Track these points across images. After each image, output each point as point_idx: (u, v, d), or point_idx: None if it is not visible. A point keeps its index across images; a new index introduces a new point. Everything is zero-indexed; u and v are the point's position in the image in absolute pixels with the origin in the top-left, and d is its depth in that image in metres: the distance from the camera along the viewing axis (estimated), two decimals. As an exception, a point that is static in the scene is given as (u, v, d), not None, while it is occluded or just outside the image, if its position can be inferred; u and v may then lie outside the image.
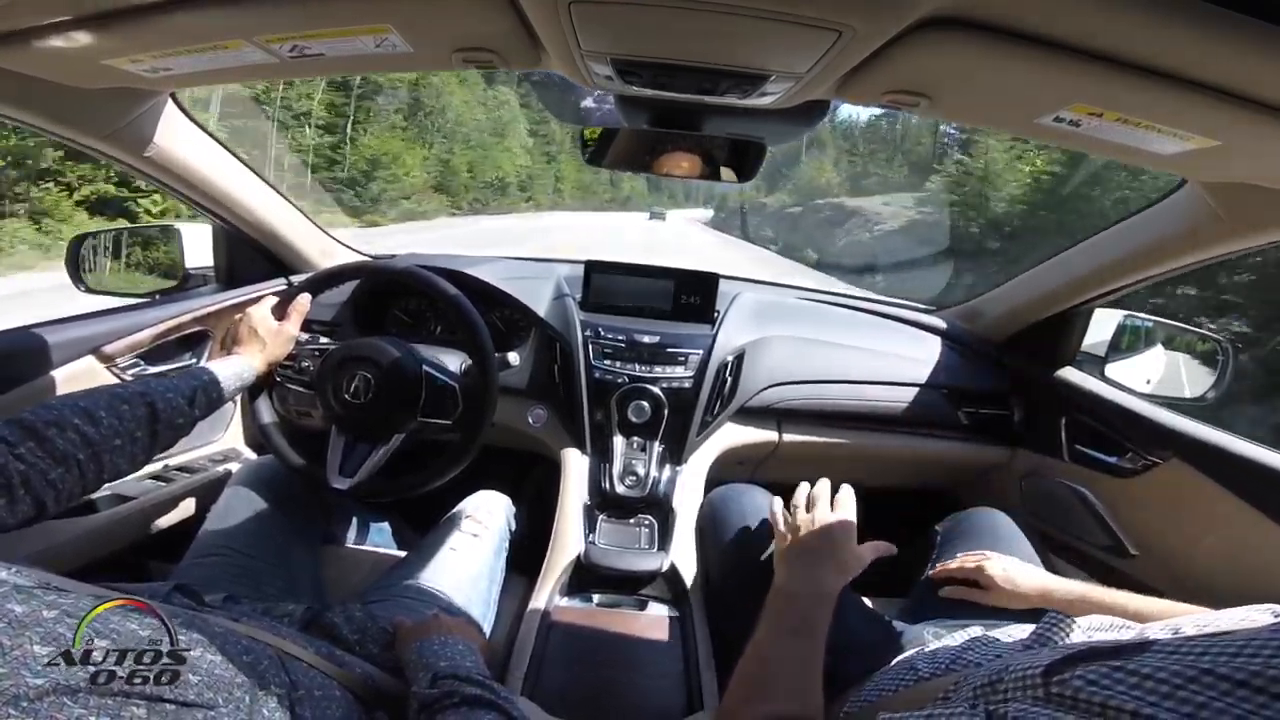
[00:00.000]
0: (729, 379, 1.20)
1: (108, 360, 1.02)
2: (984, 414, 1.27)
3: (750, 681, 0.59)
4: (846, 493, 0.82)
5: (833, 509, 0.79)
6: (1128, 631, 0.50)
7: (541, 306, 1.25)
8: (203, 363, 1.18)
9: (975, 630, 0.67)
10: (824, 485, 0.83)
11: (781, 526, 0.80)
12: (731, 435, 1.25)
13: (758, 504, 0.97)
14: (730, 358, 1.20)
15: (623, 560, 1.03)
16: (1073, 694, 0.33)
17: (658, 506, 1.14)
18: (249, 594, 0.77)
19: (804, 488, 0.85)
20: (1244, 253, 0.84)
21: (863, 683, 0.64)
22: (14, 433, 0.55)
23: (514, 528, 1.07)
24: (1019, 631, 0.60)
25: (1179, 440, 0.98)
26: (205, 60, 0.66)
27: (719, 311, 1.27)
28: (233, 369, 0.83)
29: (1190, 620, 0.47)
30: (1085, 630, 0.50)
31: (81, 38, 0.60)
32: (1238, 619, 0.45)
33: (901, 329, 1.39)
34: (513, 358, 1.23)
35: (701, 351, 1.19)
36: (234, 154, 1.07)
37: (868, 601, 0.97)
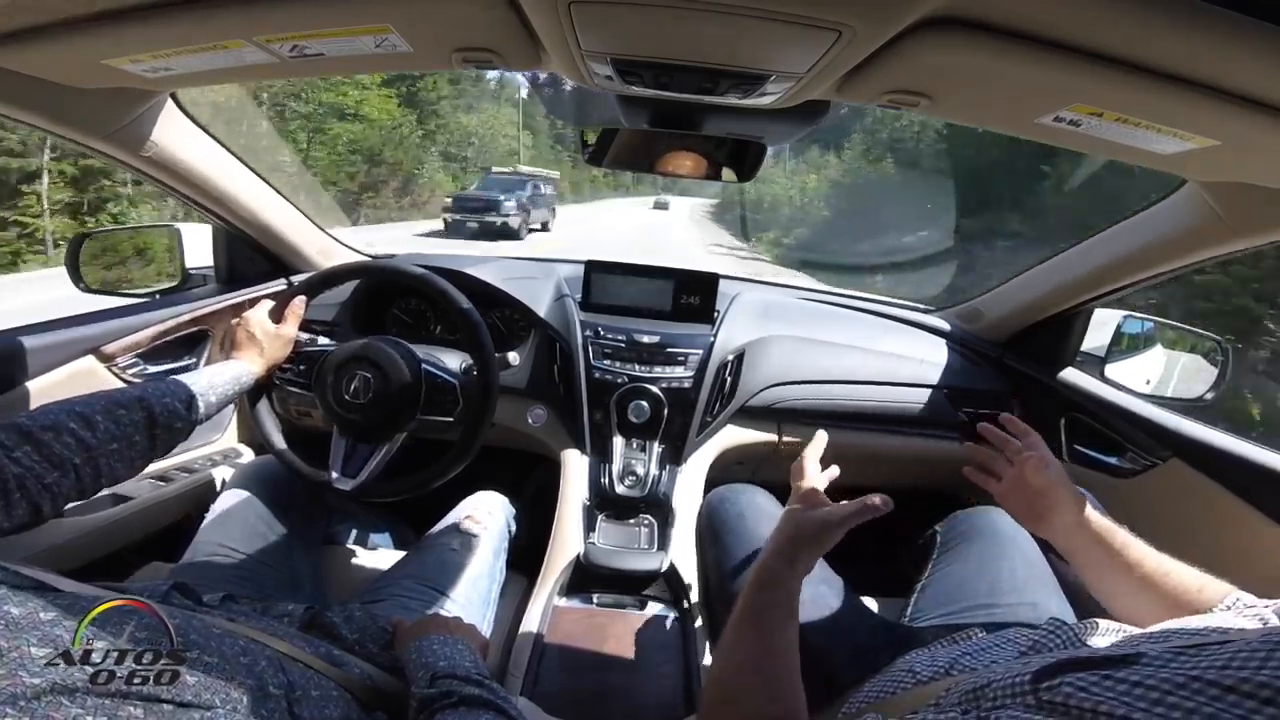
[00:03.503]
0: (729, 379, 1.20)
1: (108, 360, 1.02)
2: (984, 414, 1.26)
3: (717, 685, 0.56)
4: (806, 449, 0.73)
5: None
6: (1119, 635, 0.50)
7: (541, 306, 1.25)
8: (202, 363, 1.18)
9: (976, 633, 0.67)
10: (806, 454, 0.73)
11: None
12: (731, 435, 1.25)
13: (757, 504, 0.97)
14: (730, 358, 1.20)
15: (622, 560, 1.03)
16: (1063, 700, 0.33)
17: (657, 507, 1.14)
18: (248, 594, 0.77)
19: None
20: (1244, 253, 0.84)
21: (862, 685, 0.64)
22: (10, 436, 0.54)
23: (514, 528, 1.07)
24: (1018, 636, 0.60)
25: (1179, 440, 0.97)
26: (205, 60, 0.66)
27: (719, 311, 1.27)
28: (231, 373, 0.83)
29: (1179, 627, 0.47)
30: (1084, 639, 0.50)
31: (81, 38, 0.60)
32: (1225, 624, 0.45)
33: (901, 329, 1.39)
34: (513, 358, 1.23)
35: (701, 351, 1.19)
36: (234, 154, 1.07)
37: (868, 602, 0.97)
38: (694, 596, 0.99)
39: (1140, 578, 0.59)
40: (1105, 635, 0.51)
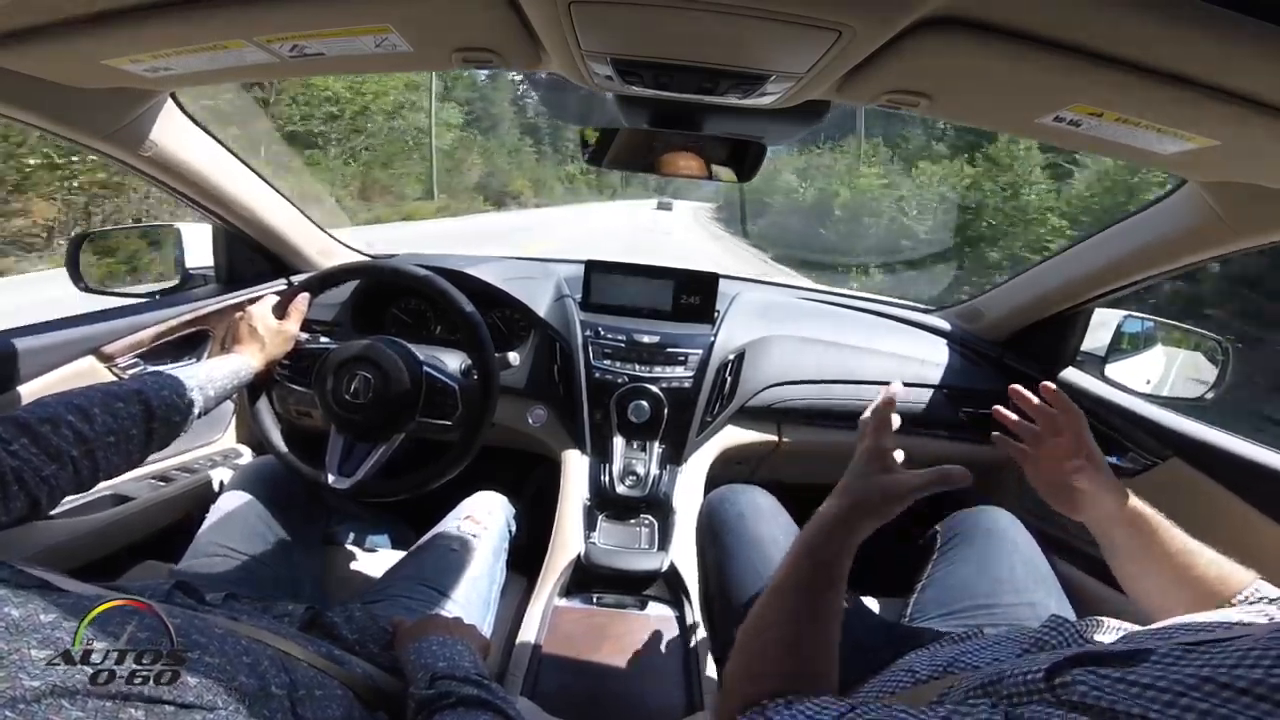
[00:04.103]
0: (729, 379, 1.20)
1: (108, 360, 1.02)
2: (984, 414, 1.26)
3: (745, 649, 0.52)
4: (877, 401, 0.64)
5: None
6: (1120, 632, 0.50)
7: (542, 306, 1.25)
8: (202, 362, 1.18)
9: (975, 633, 0.67)
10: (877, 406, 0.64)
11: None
12: (731, 435, 1.25)
13: (757, 504, 0.97)
14: (730, 357, 1.20)
15: (623, 560, 1.03)
16: (1079, 698, 0.33)
17: (658, 507, 1.14)
18: (249, 594, 0.77)
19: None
20: (1244, 252, 0.84)
21: (862, 684, 0.64)
22: (7, 429, 0.54)
23: (514, 528, 1.07)
24: (1019, 635, 0.60)
25: (1179, 440, 0.98)
26: (205, 60, 0.66)
27: (719, 311, 1.27)
28: (230, 367, 0.83)
29: (1184, 623, 0.47)
30: (1086, 636, 0.50)
31: (81, 38, 0.60)
32: (1230, 619, 0.45)
33: (902, 329, 1.39)
34: (513, 358, 1.23)
35: (701, 351, 1.19)
36: (234, 154, 1.07)
37: (868, 602, 0.97)
38: (694, 596, 0.99)
39: (1171, 567, 0.59)
40: (1107, 632, 0.51)
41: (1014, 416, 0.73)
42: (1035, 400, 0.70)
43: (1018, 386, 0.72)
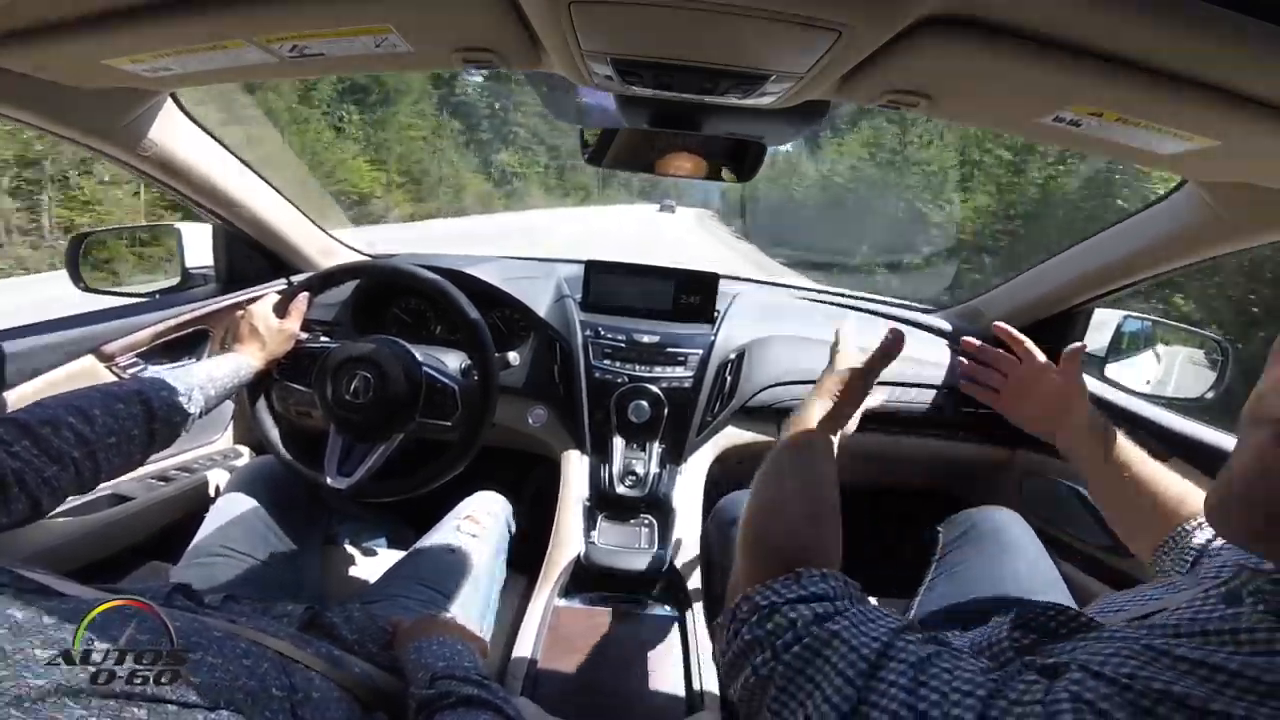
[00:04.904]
0: (729, 379, 1.20)
1: (108, 360, 1.02)
2: (984, 413, 1.26)
3: (754, 525, 0.53)
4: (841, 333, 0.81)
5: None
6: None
7: (542, 307, 1.25)
8: (202, 361, 1.18)
9: (968, 635, 0.67)
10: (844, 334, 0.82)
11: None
12: (731, 435, 1.24)
13: None
14: (730, 357, 1.20)
15: (622, 560, 1.03)
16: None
17: (657, 506, 1.14)
18: (249, 594, 0.77)
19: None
20: (1243, 252, 0.84)
21: None
22: (9, 431, 0.55)
23: (513, 528, 1.07)
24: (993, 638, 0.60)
25: (1179, 440, 0.98)
26: (205, 60, 0.65)
27: (719, 311, 1.27)
28: (231, 366, 0.83)
29: (1119, 602, 0.49)
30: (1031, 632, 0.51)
31: (81, 38, 0.60)
32: (1162, 593, 0.47)
33: (901, 329, 1.38)
34: (513, 358, 1.23)
35: (701, 351, 1.19)
36: (234, 153, 1.07)
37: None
38: (694, 596, 0.99)
39: (1130, 478, 0.63)
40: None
41: (977, 366, 0.83)
42: (977, 342, 0.83)
43: (969, 340, 0.84)
